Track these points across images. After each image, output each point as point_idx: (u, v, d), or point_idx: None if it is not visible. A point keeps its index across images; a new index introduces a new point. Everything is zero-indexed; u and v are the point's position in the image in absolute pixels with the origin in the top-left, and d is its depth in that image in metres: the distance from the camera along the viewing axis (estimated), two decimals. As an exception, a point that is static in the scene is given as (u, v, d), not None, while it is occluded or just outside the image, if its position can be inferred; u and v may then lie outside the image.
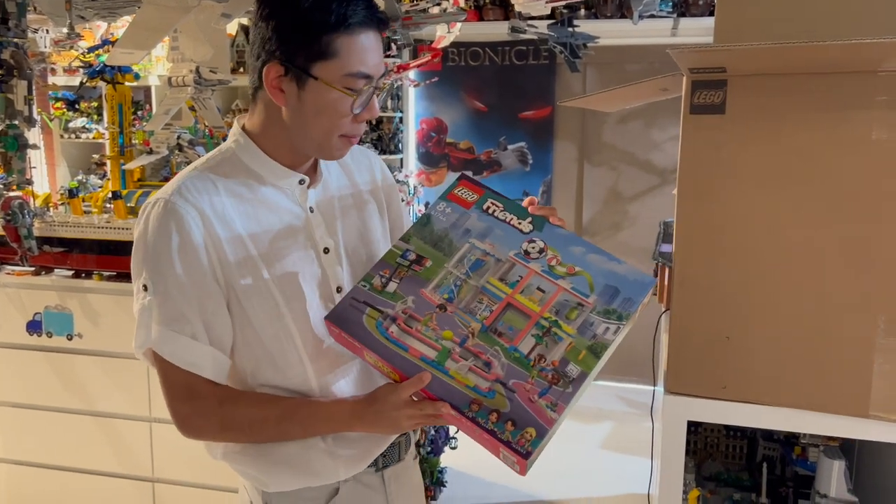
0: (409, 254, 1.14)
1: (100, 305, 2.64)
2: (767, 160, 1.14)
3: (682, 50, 1.07)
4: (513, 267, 1.11)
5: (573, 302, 1.08)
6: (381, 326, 1.08)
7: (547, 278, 1.10)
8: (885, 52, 1.02)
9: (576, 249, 1.12)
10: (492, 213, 1.16)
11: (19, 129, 2.40)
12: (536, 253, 1.12)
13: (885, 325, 1.11)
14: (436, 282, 1.11)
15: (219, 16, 2.33)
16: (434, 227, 1.16)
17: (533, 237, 1.14)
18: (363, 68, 1.08)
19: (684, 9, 3.99)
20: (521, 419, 1.01)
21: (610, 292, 1.09)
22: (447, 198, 1.18)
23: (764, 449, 1.78)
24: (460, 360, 1.05)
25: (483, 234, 1.14)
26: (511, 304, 1.09)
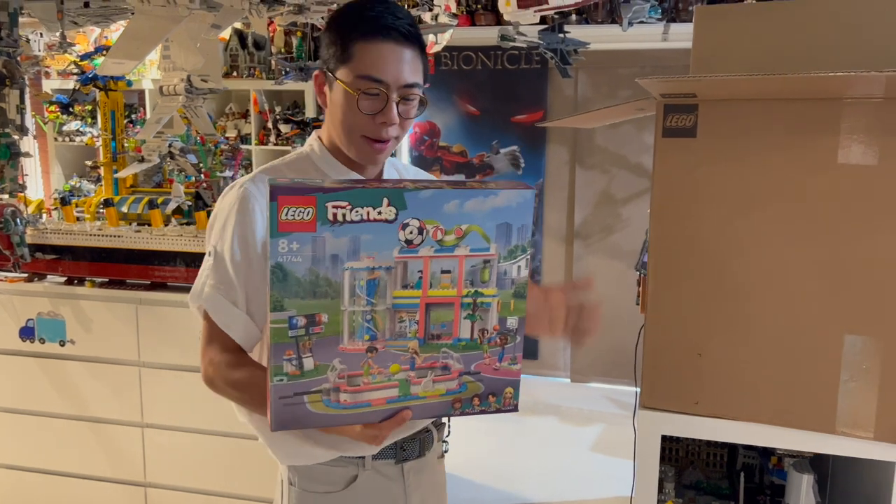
0: (295, 321, 0.97)
1: (92, 312, 2.67)
2: (738, 182, 1.17)
3: (652, 79, 1.09)
4: (407, 266, 0.99)
5: (479, 263, 1.01)
6: (329, 403, 1.01)
7: (444, 256, 0.99)
8: (847, 83, 1.05)
9: (450, 206, 0.98)
10: (344, 220, 0.94)
11: (11, 138, 2.42)
12: (418, 235, 0.98)
13: (851, 343, 1.14)
14: (347, 330, 0.99)
15: (209, 26, 2.36)
16: (295, 274, 0.95)
17: (403, 220, 0.96)
18: (374, 73, 1.18)
19: (674, 14, 4.02)
20: (496, 388, 1.07)
21: (503, 231, 1.02)
22: (280, 231, 0.93)
23: (744, 457, 1.81)
24: (421, 381, 1.04)
25: (354, 251, 0.96)
26: (430, 304, 1.02)
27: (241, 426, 2.63)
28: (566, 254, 4.90)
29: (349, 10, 1.22)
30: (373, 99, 1.19)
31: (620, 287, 4.66)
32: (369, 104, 1.19)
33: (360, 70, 1.18)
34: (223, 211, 1.25)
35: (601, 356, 4.85)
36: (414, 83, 1.21)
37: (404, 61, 1.19)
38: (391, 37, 1.18)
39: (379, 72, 1.18)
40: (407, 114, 1.23)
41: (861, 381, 1.14)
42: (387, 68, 1.18)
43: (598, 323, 1.19)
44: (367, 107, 1.19)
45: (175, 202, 2.75)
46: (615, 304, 4.67)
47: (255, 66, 4.56)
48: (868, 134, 1.10)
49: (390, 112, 1.20)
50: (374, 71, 1.18)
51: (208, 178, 2.78)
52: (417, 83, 1.22)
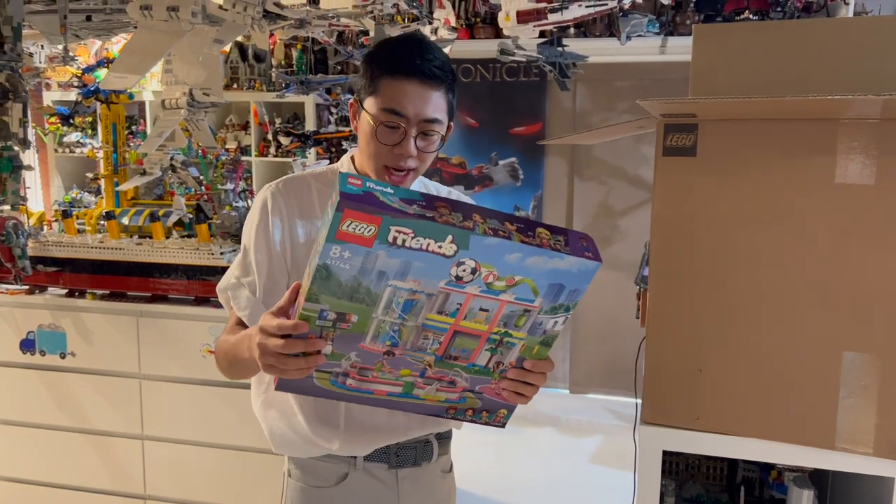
0: (326, 314, 1.00)
1: (93, 324, 2.67)
2: (737, 201, 1.19)
3: (652, 101, 1.11)
4: (448, 297, 1.00)
5: (519, 311, 1.03)
6: (336, 383, 1.06)
7: (487, 297, 1.01)
8: (845, 105, 1.07)
9: (511, 258, 0.98)
10: (403, 245, 0.95)
11: (14, 151, 2.43)
12: (469, 275, 0.99)
13: (849, 360, 1.16)
14: (371, 333, 1.02)
15: (211, 41, 2.38)
16: (339, 277, 0.97)
17: (461, 258, 0.97)
18: (396, 107, 1.26)
19: (672, 28, 4.05)
20: (493, 406, 1.14)
21: (555, 290, 1.03)
22: (337, 239, 0.94)
23: (744, 471, 1.82)
24: (426, 387, 1.09)
25: (402, 273, 0.97)
26: (458, 332, 1.04)
27: (242, 439, 2.65)
28: (565, 265, 4.91)
29: (383, 46, 1.33)
30: (392, 131, 1.27)
31: (619, 298, 4.68)
32: (388, 135, 1.27)
33: (383, 103, 1.26)
34: (252, 212, 1.38)
35: (600, 367, 4.86)
36: (434, 119, 1.27)
37: (426, 99, 1.26)
38: (415, 76, 1.25)
39: (400, 106, 1.25)
40: (426, 148, 1.29)
41: (860, 398, 1.16)
42: (407, 104, 1.26)
43: None
44: (385, 137, 1.27)
45: (176, 215, 2.76)
46: (613, 316, 4.72)
47: (256, 79, 4.58)
48: (865, 154, 1.11)
49: (407, 145, 1.27)
50: (395, 105, 1.26)
51: (209, 190, 2.79)
52: (438, 119, 1.28)
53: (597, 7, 2.75)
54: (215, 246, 2.59)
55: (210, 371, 2.56)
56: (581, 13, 2.72)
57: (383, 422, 1.35)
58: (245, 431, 2.55)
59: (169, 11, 2.26)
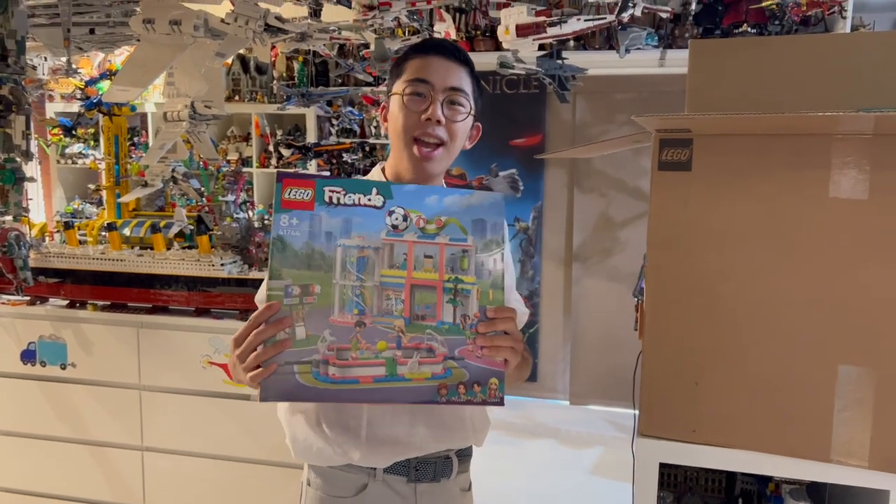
0: (291, 289, 1.06)
1: (93, 335, 2.68)
2: (732, 215, 1.20)
3: (648, 116, 1.13)
4: (393, 248, 1.10)
5: (459, 252, 1.12)
6: (318, 376, 1.06)
7: (426, 242, 1.11)
8: (838, 121, 1.08)
9: (431, 199, 1.12)
10: (339, 203, 1.08)
11: (17, 163, 2.45)
12: (402, 221, 1.10)
13: (844, 373, 1.16)
14: (337, 303, 1.07)
15: (213, 54, 2.40)
16: (293, 246, 1.06)
17: (390, 208, 1.10)
18: (421, 75, 1.32)
19: (671, 41, 4.07)
20: (481, 377, 1.14)
21: (479, 227, 1.13)
22: (283, 207, 1.07)
23: (742, 483, 1.82)
24: (408, 361, 1.10)
25: (346, 230, 1.08)
26: (414, 285, 1.11)
27: (242, 450, 2.65)
28: (565, 276, 4.92)
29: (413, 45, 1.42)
30: (419, 99, 1.33)
31: (619, 309, 4.68)
32: (415, 103, 1.33)
33: (410, 75, 1.34)
34: None
35: (600, 378, 4.86)
36: (459, 87, 1.33)
37: (451, 70, 1.33)
38: (439, 52, 1.34)
39: (425, 74, 1.32)
40: (453, 117, 1.33)
41: (855, 411, 1.16)
42: (433, 72, 1.33)
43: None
44: (413, 104, 1.33)
45: (177, 226, 2.77)
46: (614, 327, 4.72)
47: (257, 91, 4.61)
48: (858, 169, 1.13)
49: (433, 108, 1.32)
50: (420, 74, 1.33)
51: (210, 202, 2.81)
52: (463, 89, 1.34)
53: (595, 21, 2.77)
54: (216, 257, 2.61)
55: (210, 382, 2.57)
56: (580, 27, 2.75)
57: (404, 434, 1.35)
58: (245, 443, 2.55)
59: (171, 25, 2.28)
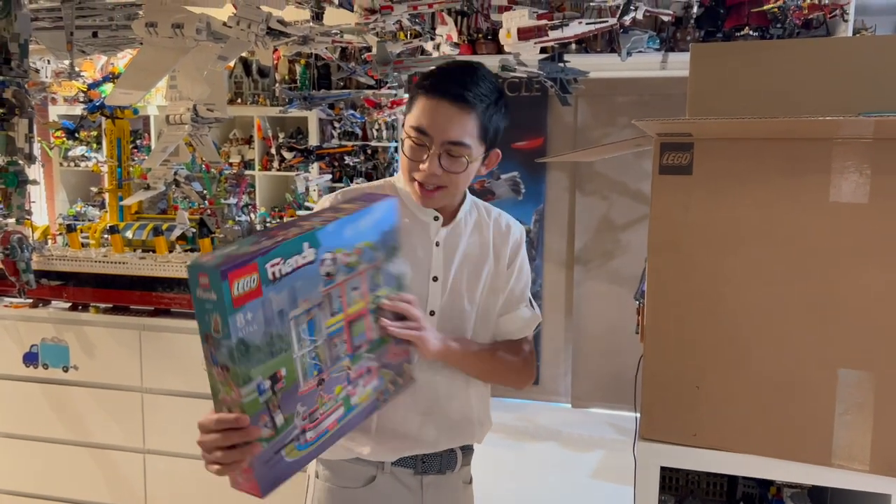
0: (262, 385, 1.00)
1: (96, 338, 2.69)
2: (733, 218, 1.20)
3: (649, 121, 1.13)
4: (331, 297, 1.08)
5: (373, 272, 1.15)
6: (300, 446, 1.06)
7: (352, 276, 1.11)
8: (838, 126, 1.08)
9: (348, 232, 1.10)
10: (281, 275, 1.00)
11: (19, 166, 2.46)
12: (332, 265, 1.07)
13: (845, 377, 1.16)
14: (301, 375, 1.05)
15: (216, 58, 2.41)
16: (255, 343, 0.98)
17: (321, 257, 1.05)
18: (421, 125, 1.31)
19: (672, 44, 4.08)
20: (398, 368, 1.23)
21: (383, 237, 1.17)
22: (235, 307, 0.95)
23: (743, 487, 1.82)
24: (356, 391, 1.14)
25: (293, 301, 1.02)
26: (350, 321, 1.12)
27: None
28: (566, 279, 4.92)
29: (434, 69, 1.38)
30: (418, 148, 1.33)
31: (621, 312, 4.68)
32: (413, 151, 1.33)
33: (413, 120, 1.33)
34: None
35: (602, 381, 4.86)
36: (459, 142, 1.31)
37: (454, 121, 1.30)
38: (445, 97, 1.30)
39: (425, 125, 1.31)
40: (452, 168, 1.32)
41: (856, 415, 1.16)
42: (432, 123, 1.30)
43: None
44: (411, 153, 1.34)
45: (180, 229, 2.78)
46: (615, 330, 4.73)
47: (259, 94, 4.62)
48: (859, 173, 1.13)
49: (429, 162, 1.32)
50: (421, 123, 1.31)
51: (212, 205, 2.81)
52: (464, 143, 1.31)
53: (597, 24, 2.78)
54: (218, 260, 2.60)
55: (212, 385, 2.57)
56: (581, 30, 2.75)
57: (414, 431, 1.41)
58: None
59: (174, 28, 2.28)
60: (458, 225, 1.46)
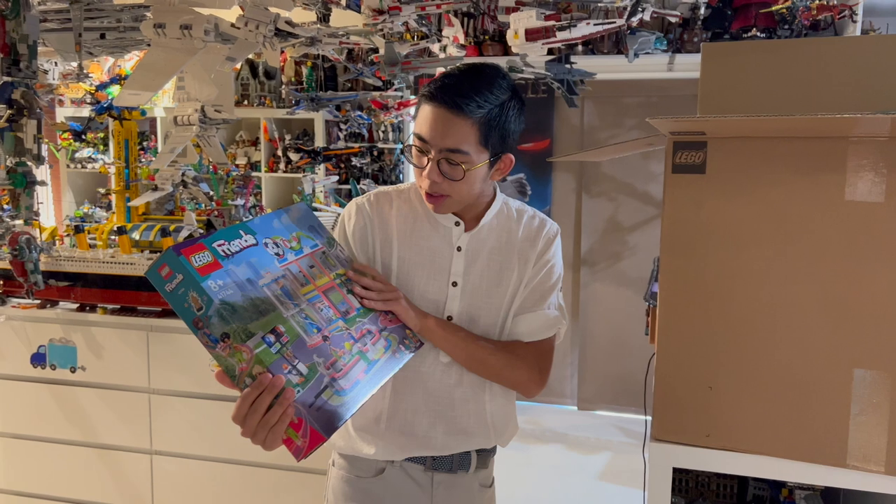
0: (268, 338, 1.08)
1: (103, 339, 2.69)
2: (746, 218, 1.19)
3: (662, 119, 1.12)
4: (290, 271, 1.21)
5: (321, 255, 1.29)
6: (339, 392, 1.12)
7: (302, 257, 1.24)
8: (854, 124, 1.07)
9: (276, 224, 1.25)
10: (231, 252, 1.12)
11: (28, 167, 2.46)
12: (276, 247, 1.21)
13: (860, 377, 1.15)
14: (302, 331, 1.13)
15: (223, 59, 2.41)
16: (238, 303, 1.07)
17: (262, 240, 1.19)
18: (420, 132, 1.33)
19: (679, 45, 4.07)
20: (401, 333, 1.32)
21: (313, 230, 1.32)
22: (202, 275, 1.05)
23: (754, 489, 1.81)
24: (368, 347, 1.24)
25: (255, 272, 1.13)
26: (325, 292, 1.24)
27: (252, 454, 2.65)
28: (573, 281, 4.91)
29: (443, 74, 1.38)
30: (418, 155, 1.35)
31: (628, 315, 4.67)
32: (417, 158, 1.35)
33: (416, 127, 1.35)
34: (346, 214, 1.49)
35: (608, 384, 4.84)
36: (455, 149, 1.30)
37: (448, 127, 1.29)
38: (442, 104, 1.29)
39: (423, 132, 1.32)
40: (450, 175, 1.32)
41: (871, 415, 1.15)
42: (430, 130, 1.31)
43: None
44: (415, 159, 1.36)
45: (187, 230, 2.78)
46: (622, 332, 4.71)
47: (266, 95, 4.62)
48: (874, 172, 1.12)
49: (429, 168, 1.32)
50: (420, 130, 1.33)
51: (220, 206, 2.81)
52: (460, 150, 1.30)
53: (605, 25, 2.77)
54: (225, 261, 2.61)
55: (219, 386, 2.56)
56: (589, 31, 2.75)
57: (422, 432, 1.41)
58: (254, 446, 2.54)
59: (182, 30, 2.29)
60: (483, 229, 1.44)
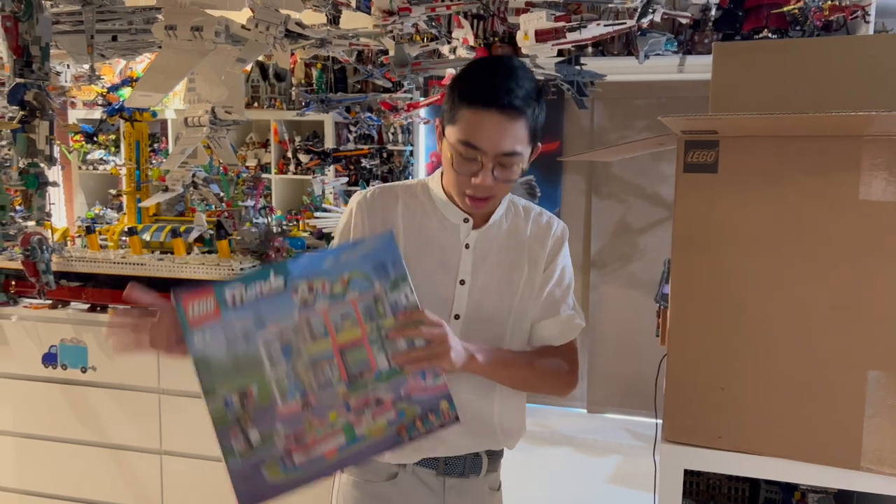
0: (229, 400, 1.05)
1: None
2: (759, 218, 1.18)
3: (673, 117, 1.11)
4: (310, 322, 1.10)
5: (370, 301, 1.13)
6: (286, 469, 1.07)
7: (338, 304, 1.11)
8: (869, 121, 1.06)
9: (328, 263, 1.11)
10: (243, 300, 1.07)
11: (40, 168, 2.48)
12: (309, 294, 1.10)
13: (874, 379, 1.14)
14: (278, 395, 1.07)
15: (234, 60, 2.42)
16: (217, 359, 1.05)
17: (293, 285, 1.09)
18: (472, 140, 1.25)
19: (690, 47, 4.05)
20: (432, 405, 1.16)
21: (380, 269, 1.14)
22: (192, 328, 1.05)
23: (766, 492, 1.79)
24: (362, 420, 1.11)
25: (261, 323, 1.07)
26: (343, 349, 1.12)
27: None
28: (582, 283, 4.89)
29: (469, 72, 1.31)
30: (469, 163, 1.27)
31: (637, 317, 4.65)
32: (464, 166, 1.28)
33: (461, 135, 1.26)
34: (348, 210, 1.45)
35: (618, 386, 4.82)
36: (512, 152, 1.26)
37: (505, 132, 1.25)
38: (493, 107, 1.23)
39: (476, 139, 1.25)
40: (505, 178, 1.29)
41: (886, 417, 1.14)
42: (484, 137, 1.25)
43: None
44: (462, 168, 1.28)
45: (197, 231, 2.79)
46: (632, 334, 4.69)
47: (276, 97, 4.64)
48: (889, 170, 1.11)
49: (484, 176, 1.27)
50: (471, 138, 1.25)
51: (230, 207, 2.82)
52: (517, 152, 1.27)
53: (615, 26, 2.76)
54: (235, 262, 2.61)
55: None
56: (599, 32, 2.74)
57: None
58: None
59: (193, 31, 2.30)
60: (492, 227, 1.42)
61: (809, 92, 1.27)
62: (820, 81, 1.27)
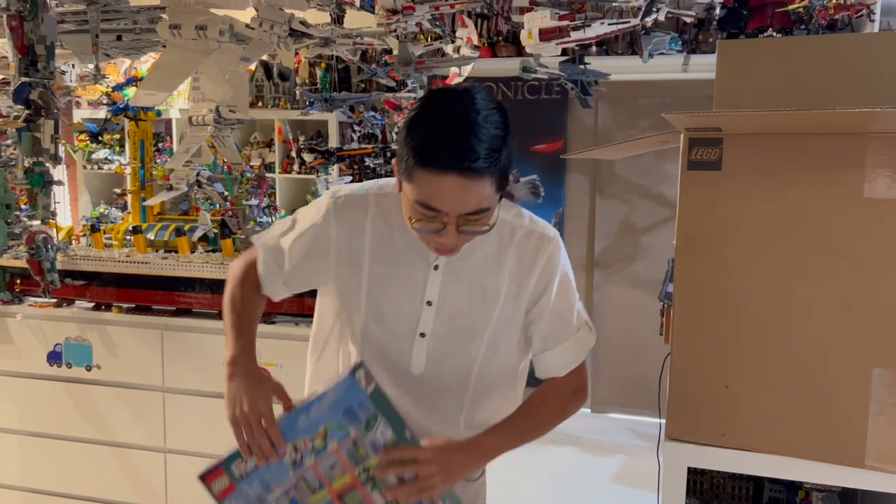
0: None
1: (119, 337, 2.70)
2: (763, 216, 1.18)
3: (677, 114, 1.11)
4: (305, 478, 1.21)
5: (350, 446, 1.21)
6: None
7: (324, 457, 1.21)
8: (873, 118, 1.06)
9: (302, 422, 1.20)
10: (247, 472, 1.21)
11: (45, 167, 2.49)
12: (296, 454, 1.21)
13: (879, 377, 1.14)
14: None
15: (238, 59, 2.42)
16: None
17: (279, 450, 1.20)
18: (431, 202, 1.15)
19: (694, 46, 4.05)
20: None
21: (350, 414, 1.20)
22: (220, 500, 1.23)
23: (770, 491, 1.79)
24: None
25: (266, 488, 1.21)
26: (340, 494, 1.22)
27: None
28: (586, 283, 4.89)
29: (423, 127, 1.16)
30: (431, 221, 1.17)
31: (641, 316, 4.64)
32: (427, 226, 1.18)
33: (418, 196, 1.16)
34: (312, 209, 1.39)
35: (622, 386, 4.81)
36: (480, 209, 1.16)
37: (467, 195, 1.14)
38: (455, 169, 1.11)
39: (436, 203, 1.15)
40: (474, 230, 1.19)
41: (890, 415, 1.14)
42: (444, 200, 1.14)
43: None
44: (423, 227, 1.19)
45: (201, 230, 2.79)
46: (635, 334, 4.68)
47: (280, 96, 4.64)
48: (894, 168, 1.10)
49: (447, 235, 1.17)
50: (430, 201, 1.15)
51: (234, 206, 2.82)
52: (483, 209, 1.16)
53: (619, 25, 2.76)
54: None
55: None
56: (603, 31, 2.74)
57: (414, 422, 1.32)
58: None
59: (197, 30, 2.30)
60: (465, 249, 1.28)
61: (813, 89, 1.27)
62: (824, 79, 1.27)
